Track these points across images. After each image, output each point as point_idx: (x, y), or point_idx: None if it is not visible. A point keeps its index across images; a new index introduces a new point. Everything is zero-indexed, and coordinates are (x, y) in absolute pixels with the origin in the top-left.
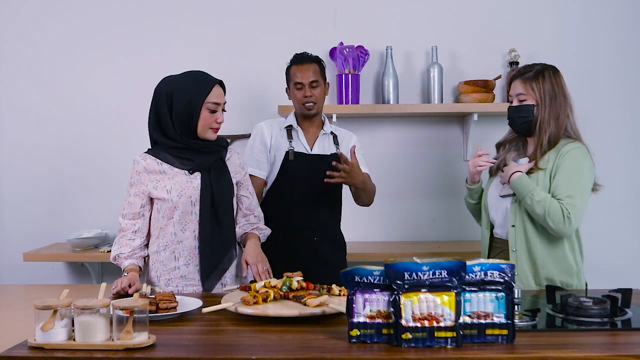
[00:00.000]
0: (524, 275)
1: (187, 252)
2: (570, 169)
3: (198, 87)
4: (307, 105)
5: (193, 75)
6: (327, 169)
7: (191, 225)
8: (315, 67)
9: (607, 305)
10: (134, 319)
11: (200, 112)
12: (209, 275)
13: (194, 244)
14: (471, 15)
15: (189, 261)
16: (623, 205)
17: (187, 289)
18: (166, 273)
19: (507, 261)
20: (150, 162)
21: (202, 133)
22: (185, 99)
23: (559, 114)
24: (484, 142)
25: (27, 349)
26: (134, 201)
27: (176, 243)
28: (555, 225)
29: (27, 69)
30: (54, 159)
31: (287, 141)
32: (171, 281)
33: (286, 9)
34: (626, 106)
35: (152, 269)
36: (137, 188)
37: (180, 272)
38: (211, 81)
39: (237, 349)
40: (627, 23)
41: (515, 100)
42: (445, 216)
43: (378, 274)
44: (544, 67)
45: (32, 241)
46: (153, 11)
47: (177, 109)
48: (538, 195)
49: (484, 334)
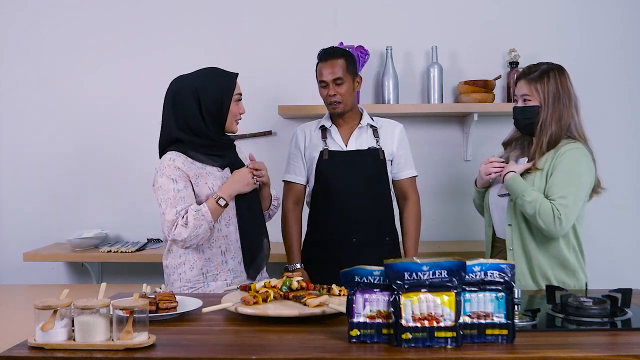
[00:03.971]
0: (521, 274)
1: (233, 245)
2: (566, 169)
3: (225, 81)
4: (332, 104)
5: (212, 71)
6: (364, 165)
7: (234, 220)
8: (341, 63)
9: (607, 305)
10: (134, 319)
11: (229, 104)
12: (252, 265)
13: (236, 237)
14: (471, 15)
15: (235, 255)
16: (623, 205)
17: (235, 281)
18: (213, 268)
19: (507, 261)
20: (183, 159)
21: (230, 125)
22: (215, 94)
23: (562, 115)
24: (484, 142)
25: (27, 349)
26: (187, 194)
27: (222, 238)
28: (546, 225)
29: (27, 70)
30: (54, 159)
31: (321, 142)
32: (219, 276)
33: (286, 9)
34: (626, 106)
35: (193, 268)
36: (183, 181)
37: (228, 265)
38: (233, 74)
39: (237, 349)
40: (627, 23)
41: (520, 100)
42: (445, 216)
43: (378, 274)
44: (549, 67)
45: (32, 241)
46: (154, 12)
47: (207, 105)
48: (529, 195)
49: (484, 334)
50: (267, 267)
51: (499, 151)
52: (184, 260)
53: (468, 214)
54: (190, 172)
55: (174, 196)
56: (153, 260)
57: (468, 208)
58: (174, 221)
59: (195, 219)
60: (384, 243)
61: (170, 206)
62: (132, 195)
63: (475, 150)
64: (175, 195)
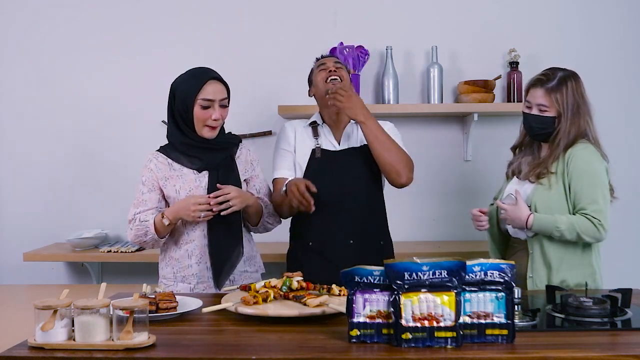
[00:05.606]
0: (538, 278)
1: (199, 250)
2: (583, 172)
3: (192, 83)
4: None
5: (192, 71)
6: (357, 164)
7: (201, 224)
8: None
9: (607, 305)
10: (134, 319)
11: (193, 109)
12: (220, 273)
13: (204, 242)
14: (471, 15)
15: (200, 260)
16: (623, 205)
17: (199, 286)
18: (181, 270)
19: (507, 261)
20: (161, 160)
21: (199, 130)
22: (180, 96)
23: (580, 124)
24: (484, 142)
25: (27, 349)
26: (150, 197)
27: (188, 242)
28: (592, 238)
29: (27, 70)
30: (54, 159)
31: (312, 140)
32: (185, 279)
33: (286, 9)
34: (626, 106)
35: (168, 266)
36: (150, 184)
37: (193, 270)
38: (204, 77)
39: (237, 349)
40: (627, 23)
41: (535, 109)
42: (445, 216)
43: (378, 274)
44: (565, 75)
45: (32, 241)
46: (155, 12)
47: (177, 106)
48: (562, 224)
49: (484, 334)
50: (267, 267)
51: (499, 151)
52: (163, 256)
53: (468, 214)
54: (160, 173)
55: (138, 198)
56: (153, 260)
57: (468, 208)
58: (130, 221)
59: (138, 229)
60: (380, 246)
61: (133, 206)
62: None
63: (475, 150)
64: (139, 197)
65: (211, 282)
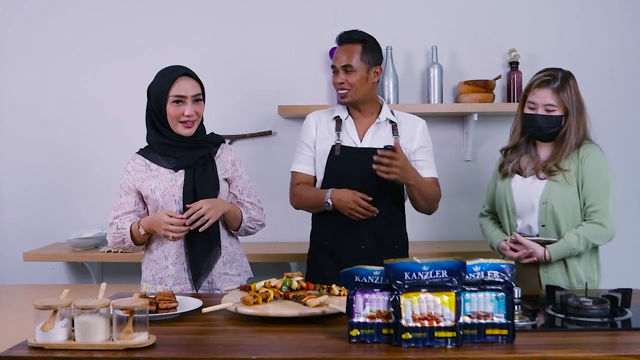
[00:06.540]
0: (554, 275)
1: (175, 251)
2: (597, 171)
3: (163, 82)
4: (340, 92)
5: (164, 70)
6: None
7: None
8: (356, 49)
9: (607, 305)
10: (134, 319)
11: (165, 106)
12: (198, 274)
13: (180, 243)
14: (471, 15)
15: (177, 260)
16: (623, 205)
17: (175, 288)
18: (159, 271)
19: (507, 261)
20: (138, 162)
21: (174, 127)
22: (154, 95)
23: (585, 121)
24: (484, 142)
25: (27, 349)
26: (127, 201)
27: (165, 242)
28: (604, 242)
29: (26, 70)
30: (54, 159)
31: (334, 135)
32: (163, 280)
33: (286, 9)
34: (626, 106)
35: (147, 268)
36: (127, 187)
37: (169, 271)
38: (174, 74)
39: (237, 349)
40: (628, 23)
41: (541, 109)
42: (445, 216)
43: (378, 274)
44: (566, 75)
45: (32, 241)
46: (154, 13)
47: (152, 106)
48: (576, 243)
49: (484, 334)
50: (267, 267)
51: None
52: (144, 259)
53: (468, 213)
54: (137, 175)
55: (116, 201)
56: None
57: (468, 208)
58: (110, 224)
59: (115, 236)
60: (394, 250)
61: (113, 209)
62: None
63: (475, 150)
64: (117, 200)
65: (189, 284)
